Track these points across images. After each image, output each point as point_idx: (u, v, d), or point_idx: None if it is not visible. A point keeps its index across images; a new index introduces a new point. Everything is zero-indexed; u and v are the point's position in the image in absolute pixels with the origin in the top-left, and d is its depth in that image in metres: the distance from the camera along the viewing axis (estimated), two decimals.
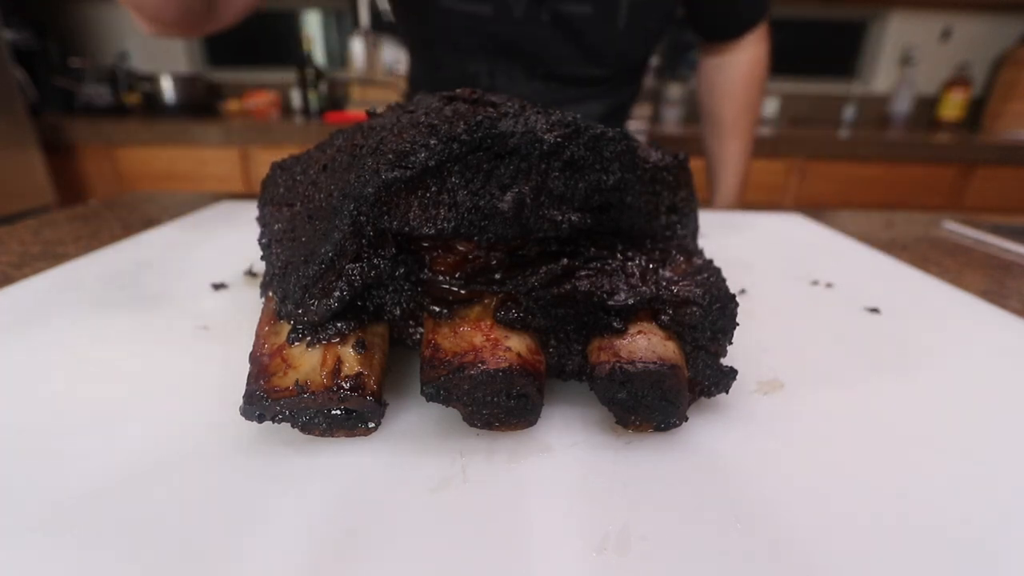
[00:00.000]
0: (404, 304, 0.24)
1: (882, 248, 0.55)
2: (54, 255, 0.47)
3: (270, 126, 1.62)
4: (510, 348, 0.21)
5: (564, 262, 0.23)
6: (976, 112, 2.09)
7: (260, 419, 0.21)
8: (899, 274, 0.45)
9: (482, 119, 0.22)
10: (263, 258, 0.27)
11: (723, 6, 0.79)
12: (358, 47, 1.78)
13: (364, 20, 1.82)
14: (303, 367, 0.21)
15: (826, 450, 0.22)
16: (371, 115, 0.33)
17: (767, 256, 0.49)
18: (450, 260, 0.23)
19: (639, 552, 0.17)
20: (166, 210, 0.64)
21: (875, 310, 0.37)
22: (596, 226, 0.24)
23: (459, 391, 0.21)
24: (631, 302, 0.22)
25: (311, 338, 0.22)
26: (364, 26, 1.82)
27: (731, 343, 0.23)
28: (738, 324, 0.23)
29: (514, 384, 0.21)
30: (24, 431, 0.23)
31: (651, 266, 0.24)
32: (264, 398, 0.20)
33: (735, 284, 0.41)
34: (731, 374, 0.23)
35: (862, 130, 1.93)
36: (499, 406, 0.22)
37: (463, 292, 0.23)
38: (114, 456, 0.21)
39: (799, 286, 0.42)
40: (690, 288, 0.22)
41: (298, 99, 1.95)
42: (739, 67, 0.83)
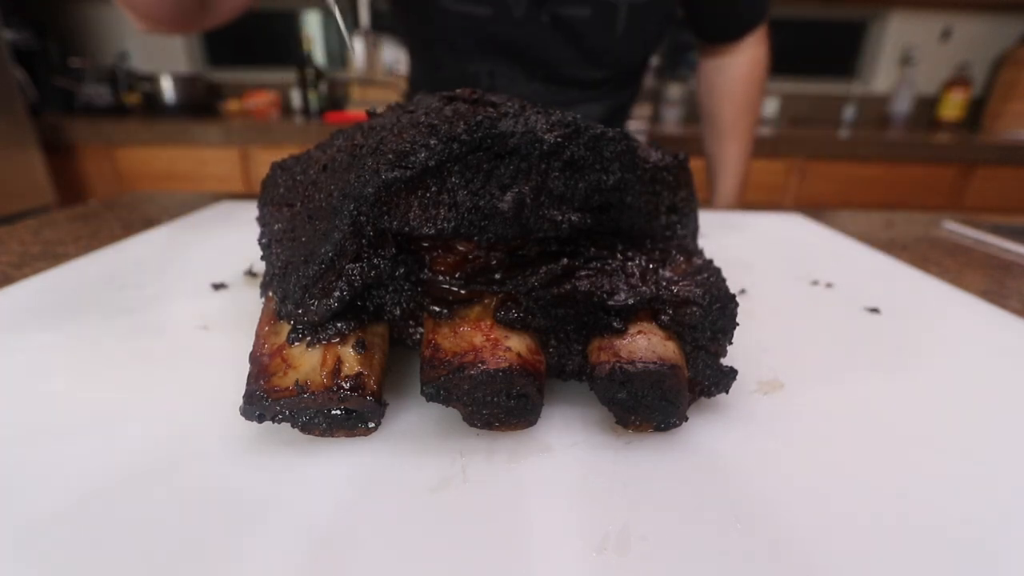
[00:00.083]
0: (404, 304, 0.24)
1: (882, 248, 0.55)
2: (54, 255, 0.47)
3: (270, 126, 1.62)
4: (510, 348, 0.21)
5: (564, 262, 0.23)
6: (976, 112, 2.09)
7: (260, 419, 0.21)
8: (899, 274, 0.45)
9: (482, 119, 0.22)
10: (263, 258, 0.27)
11: (722, 8, 0.79)
12: (358, 47, 1.78)
13: (364, 20, 1.82)
14: (303, 367, 0.21)
15: (826, 450, 0.22)
16: (371, 115, 0.33)
17: (767, 256, 0.49)
18: (450, 260, 0.23)
19: (639, 552, 0.17)
20: (166, 210, 0.64)
21: (875, 310, 0.37)
22: (596, 226, 0.24)
23: (459, 391, 0.21)
24: (631, 302, 0.22)
25: (311, 338, 0.22)
26: (364, 26, 1.82)
27: (731, 343, 0.23)
28: (738, 324, 0.23)
29: (514, 384, 0.21)
30: (24, 431, 0.23)
31: (651, 266, 0.24)
32: (264, 398, 0.20)
33: (735, 284, 0.41)
34: (731, 374, 0.23)
35: (862, 130, 1.93)
36: (499, 406, 0.22)
37: (463, 292, 0.23)
38: (114, 456, 0.21)
39: (799, 286, 0.42)
40: (690, 288, 0.22)
41: (298, 99, 1.96)
42: (739, 68, 0.83)
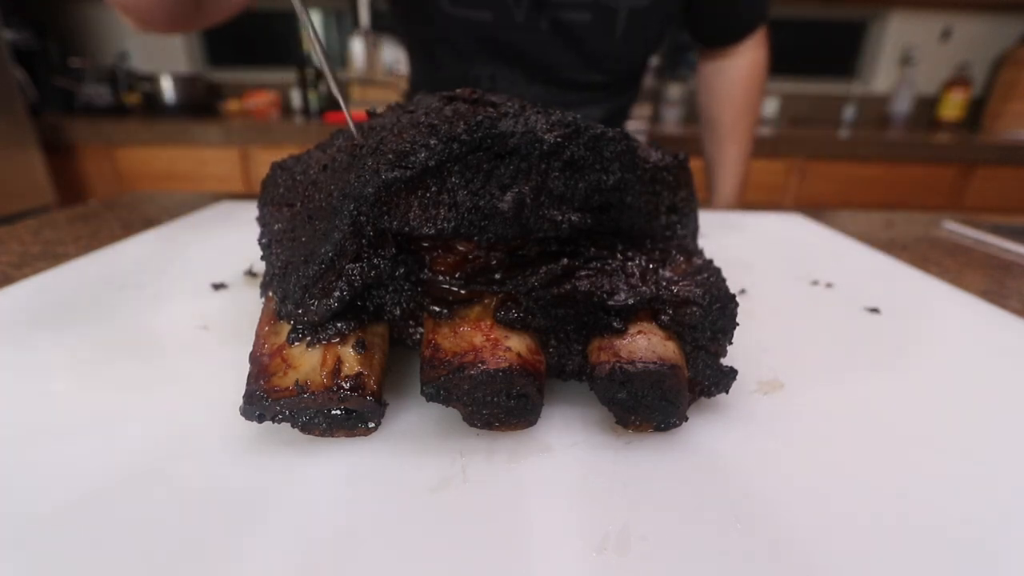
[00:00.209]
0: (404, 304, 0.24)
1: (882, 248, 0.55)
2: (54, 255, 0.47)
3: (270, 126, 1.62)
4: (510, 348, 0.21)
5: (564, 262, 0.23)
6: (976, 112, 2.09)
7: (260, 419, 0.21)
8: (899, 274, 0.45)
9: (482, 119, 0.22)
10: (263, 258, 0.27)
11: (722, 11, 0.80)
12: (358, 47, 1.78)
13: (364, 20, 1.82)
14: (303, 367, 0.21)
15: (826, 450, 0.22)
16: (371, 115, 0.33)
17: (767, 256, 0.49)
18: (450, 260, 0.23)
19: (639, 552, 0.17)
20: (166, 210, 0.64)
21: (875, 310, 0.37)
22: (596, 226, 0.24)
23: (459, 391, 0.21)
24: (631, 302, 0.22)
25: (311, 338, 0.22)
26: (364, 26, 1.82)
27: (731, 343, 0.23)
28: (738, 324, 0.23)
29: (514, 384, 0.21)
30: (24, 431, 0.23)
31: (651, 266, 0.24)
32: (264, 398, 0.20)
33: (735, 284, 0.41)
34: (731, 374, 0.23)
35: (862, 130, 1.93)
36: (499, 406, 0.22)
37: (463, 292, 0.23)
38: (114, 456, 0.21)
39: (799, 286, 0.42)
40: (690, 288, 0.22)
41: (298, 99, 1.96)
42: (738, 71, 0.83)
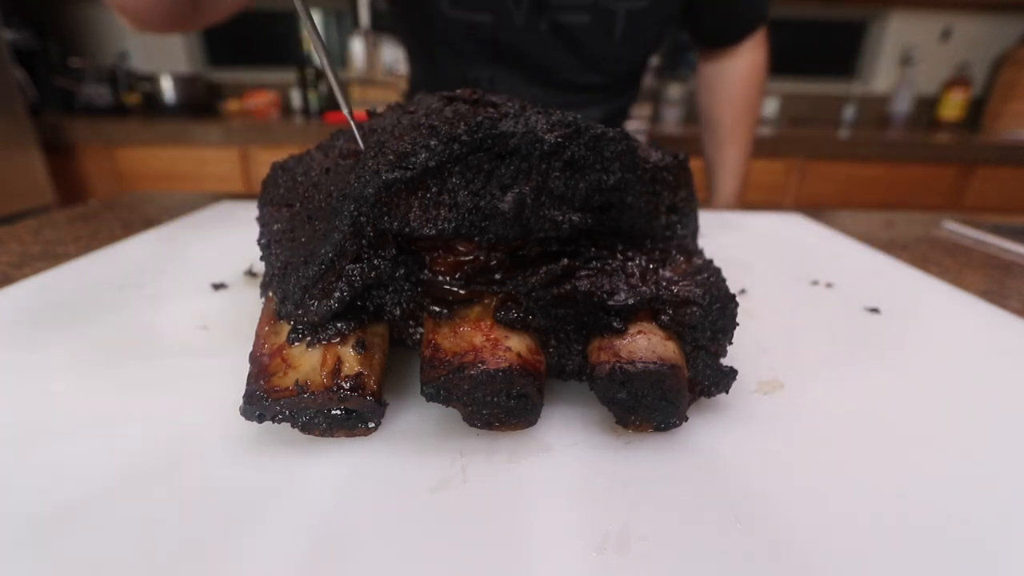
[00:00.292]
0: (404, 304, 0.24)
1: (882, 248, 0.55)
2: (54, 255, 0.47)
3: (270, 126, 1.62)
4: (510, 348, 0.21)
5: (564, 262, 0.23)
6: (976, 112, 2.09)
7: (260, 419, 0.21)
8: (899, 274, 0.45)
9: (482, 119, 0.22)
10: (263, 258, 0.27)
11: (721, 12, 0.80)
12: (358, 47, 1.78)
13: (364, 20, 1.82)
14: (303, 367, 0.21)
15: (826, 450, 0.22)
16: (371, 115, 0.33)
17: (767, 256, 0.49)
18: (450, 260, 0.23)
19: (639, 552, 0.17)
20: (166, 210, 0.64)
21: (875, 310, 0.37)
22: (596, 226, 0.24)
23: (459, 391, 0.21)
24: (631, 302, 0.22)
25: (311, 338, 0.22)
26: (364, 26, 1.82)
27: (731, 343, 0.23)
28: (738, 324, 0.23)
29: (514, 384, 0.21)
30: (24, 431, 0.23)
31: (651, 266, 0.24)
32: (264, 398, 0.20)
33: (735, 284, 0.41)
34: (731, 374, 0.23)
35: (862, 130, 1.93)
36: (499, 406, 0.22)
37: (463, 292, 0.23)
38: (114, 456, 0.21)
39: (799, 286, 0.42)
40: (690, 288, 0.22)
41: (298, 99, 1.95)
42: (738, 72, 0.83)
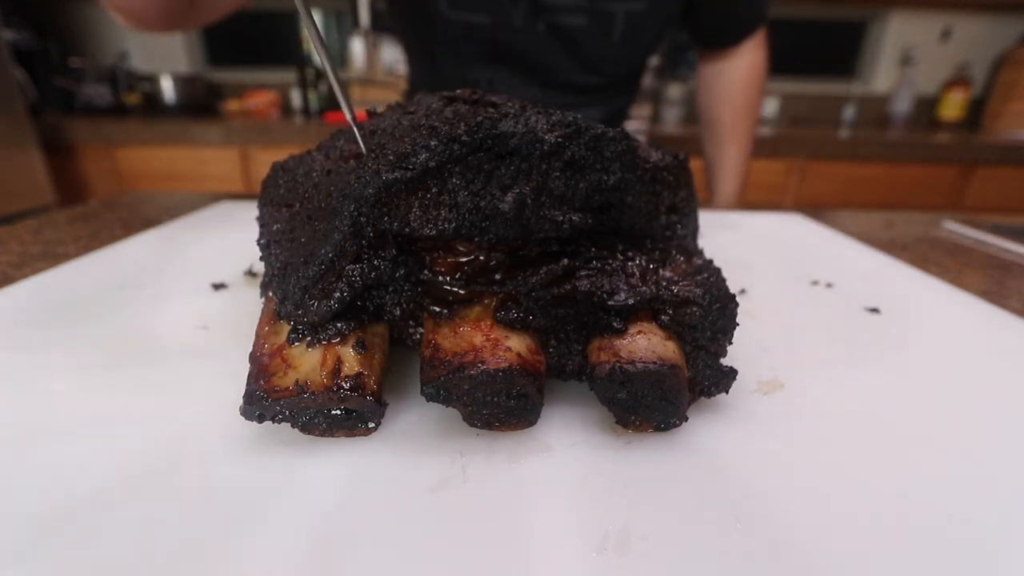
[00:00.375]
0: (404, 304, 0.24)
1: (882, 248, 0.55)
2: (54, 255, 0.47)
3: (270, 126, 1.62)
4: (510, 348, 0.21)
5: (564, 262, 0.23)
6: (976, 112, 2.09)
7: (260, 419, 0.21)
8: (899, 274, 0.45)
9: (482, 120, 0.22)
10: (262, 258, 0.27)
11: (721, 13, 0.80)
12: (358, 47, 1.78)
13: (364, 20, 1.82)
14: (303, 367, 0.21)
15: (826, 450, 0.22)
16: (371, 115, 0.33)
17: (767, 256, 0.49)
18: (450, 261, 0.23)
19: (639, 552, 0.17)
20: (166, 210, 0.64)
21: (875, 310, 0.37)
22: (596, 226, 0.24)
23: (459, 391, 0.21)
24: (631, 302, 0.22)
25: (311, 338, 0.22)
26: (364, 26, 1.82)
27: (731, 343, 0.23)
28: (738, 324, 0.23)
29: (514, 384, 0.21)
30: (24, 431, 0.23)
31: (651, 266, 0.24)
32: (264, 398, 0.20)
33: (735, 284, 0.41)
34: (731, 374, 0.23)
35: (862, 130, 1.93)
36: (499, 406, 0.22)
37: (463, 292, 0.23)
38: (114, 456, 0.21)
39: (799, 286, 0.42)
40: (690, 288, 0.22)
41: (298, 99, 1.95)
42: (738, 73, 0.83)
